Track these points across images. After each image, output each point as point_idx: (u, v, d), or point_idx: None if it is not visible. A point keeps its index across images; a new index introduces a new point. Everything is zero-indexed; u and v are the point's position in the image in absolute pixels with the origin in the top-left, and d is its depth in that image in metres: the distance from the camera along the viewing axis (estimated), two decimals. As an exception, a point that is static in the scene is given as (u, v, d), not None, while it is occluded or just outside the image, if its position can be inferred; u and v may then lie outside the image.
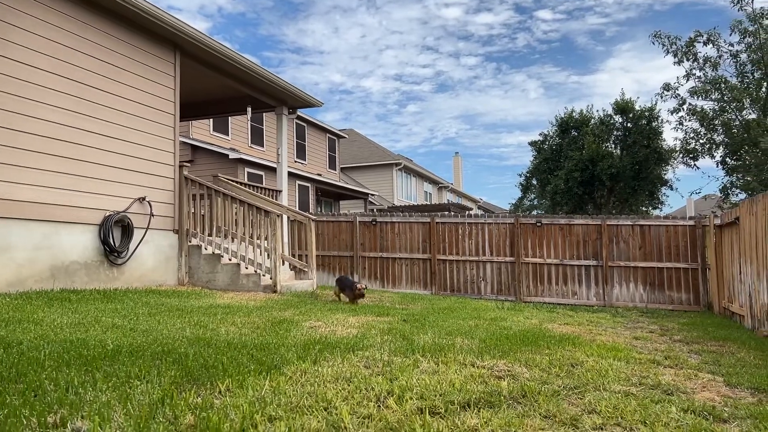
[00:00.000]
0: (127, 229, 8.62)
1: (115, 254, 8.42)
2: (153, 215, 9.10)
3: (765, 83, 19.59)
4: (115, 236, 8.41)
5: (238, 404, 2.77)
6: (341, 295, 9.07)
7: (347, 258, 14.96)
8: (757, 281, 8.49)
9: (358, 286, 8.80)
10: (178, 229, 9.71)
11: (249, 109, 12.24)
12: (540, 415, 3.10)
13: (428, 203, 34.85)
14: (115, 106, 8.59)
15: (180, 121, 10.22)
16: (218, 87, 11.93)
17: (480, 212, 39.64)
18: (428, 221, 14.49)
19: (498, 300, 12.92)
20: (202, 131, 18.87)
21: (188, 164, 10.25)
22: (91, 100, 8.21)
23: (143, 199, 8.98)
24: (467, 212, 25.32)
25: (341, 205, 27.37)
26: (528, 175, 26.89)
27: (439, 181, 40.23)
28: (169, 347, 4.04)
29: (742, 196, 19.56)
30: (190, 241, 9.81)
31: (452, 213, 17.59)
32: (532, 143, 26.27)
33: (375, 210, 25.33)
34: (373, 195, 28.00)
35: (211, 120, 19.03)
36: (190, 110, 12.75)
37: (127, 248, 8.63)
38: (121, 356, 3.68)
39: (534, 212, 29.18)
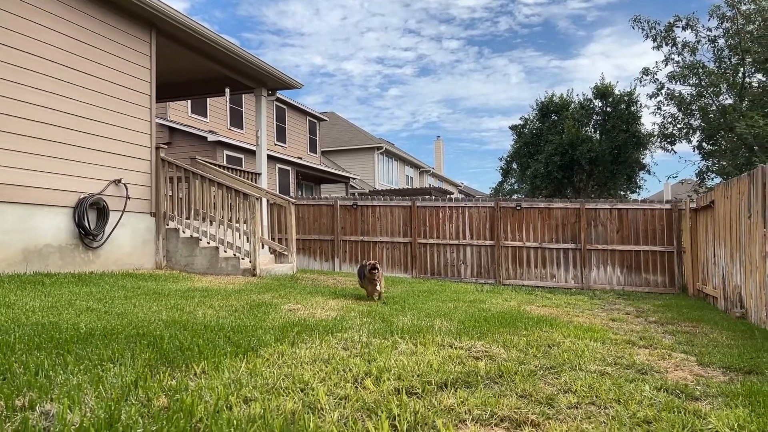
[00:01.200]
0: (102, 212, 8.47)
1: (91, 237, 8.28)
2: (129, 198, 8.95)
3: (741, 69, 19.83)
4: (90, 219, 8.26)
5: (213, 386, 2.74)
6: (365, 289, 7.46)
7: (328, 242, 14.92)
8: (730, 263, 8.65)
9: (370, 264, 7.19)
10: (156, 212, 9.57)
11: (227, 90, 12.05)
12: (516, 394, 3.12)
13: (410, 187, 34.86)
14: (89, 86, 8.39)
15: (157, 102, 10.03)
16: (196, 67, 11.72)
17: (461, 196, 39.78)
18: (409, 205, 14.49)
19: (478, 283, 13.01)
20: (180, 113, 18.56)
21: (165, 146, 10.07)
22: (64, 79, 8.00)
23: (119, 181, 8.81)
24: (448, 196, 25.39)
25: (322, 189, 27.25)
26: (508, 159, 27.03)
27: (420, 165, 40.22)
28: (144, 330, 3.98)
29: (718, 180, 19.89)
30: (167, 224, 9.68)
31: (433, 197, 17.61)
32: (513, 127, 26.36)
33: (356, 194, 25.26)
34: (354, 179, 27.91)
35: (189, 101, 18.73)
36: (167, 91, 12.52)
37: (103, 231, 8.48)
38: (95, 339, 3.62)
39: (514, 196, 29.35)
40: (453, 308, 6.82)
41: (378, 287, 7.20)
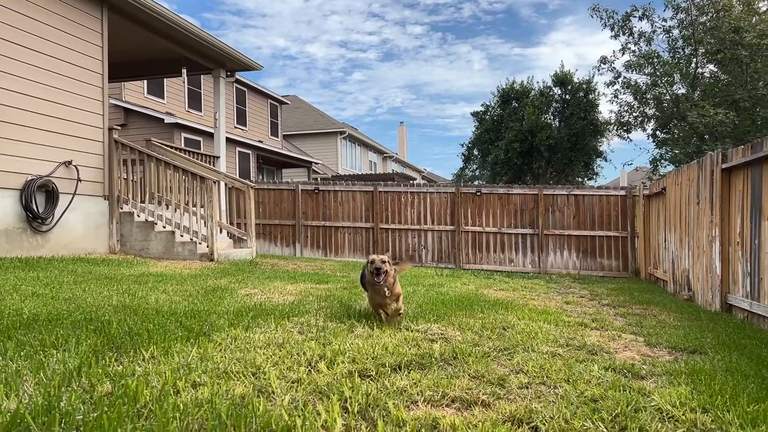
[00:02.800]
0: (51, 195, 8.17)
1: (39, 221, 7.98)
2: (80, 180, 8.66)
3: (694, 59, 20.40)
4: (38, 202, 7.96)
5: (161, 371, 2.67)
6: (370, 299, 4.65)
7: (289, 227, 14.79)
8: (679, 248, 8.94)
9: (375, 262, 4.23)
10: (109, 195, 9.29)
11: (184, 71, 11.73)
12: (469, 375, 3.16)
13: (373, 173, 34.80)
14: (35, 63, 8.03)
15: (110, 82, 9.69)
16: (151, 47, 11.35)
17: (424, 182, 39.92)
18: (371, 190, 14.46)
19: (438, 267, 13.13)
20: (136, 94, 18.01)
21: (120, 128, 9.76)
22: (8, 55, 7.63)
23: (69, 163, 8.51)
24: (411, 182, 25.44)
25: (284, 174, 26.95)
26: (470, 145, 27.23)
27: (384, 150, 40.17)
28: (92, 315, 3.86)
29: (671, 168, 20.49)
30: (121, 208, 9.41)
31: (396, 183, 17.63)
32: (474, 114, 26.57)
33: (319, 179, 25.08)
34: (317, 164, 27.69)
35: (145, 82, 18.18)
36: (121, 71, 12.11)
37: (52, 214, 8.19)
38: (38, 325, 3.50)
39: (476, 182, 29.63)
40: (411, 292, 6.85)
41: (389, 300, 4.34)
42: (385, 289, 4.24)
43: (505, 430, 2.29)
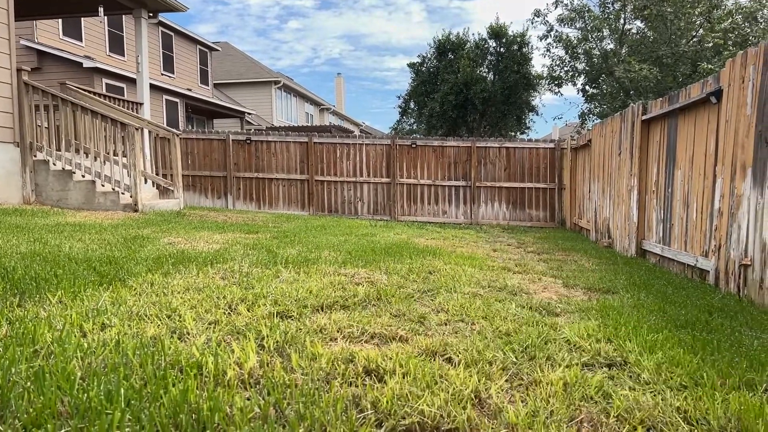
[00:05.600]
0: (-47, 140, 7.54)
1: (-60, 168, 7.38)
2: (-14, 125, 8.02)
3: (623, 15, 20.89)
4: (-62, 148, 7.33)
5: (67, 315, 2.56)
6: None
7: (220, 178, 14.38)
8: (602, 198, 9.33)
9: None
10: (20, 141, 8.68)
11: (101, 9, 10.91)
12: (390, 314, 3.20)
13: (309, 125, 34.17)
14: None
15: (18, 19, 8.91)
16: (63, -19, 10.47)
17: (361, 135, 39.56)
18: (306, 141, 14.21)
19: (374, 219, 13.19)
20: (50, 35, 16.70)
21: (31, 71, 9.04)
22: None
23: (-28, 106, 7.85)
24: (349, 134, 25.16)
25: (215, 124, 26.03)
26: (407, 98, 27.08)
27: (321, 102, 39.41)
28: (-4, 263, 3.63)
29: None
30: (35, 156, 8.83)
31: (332, 135, 17.38)
32: (411, 65, 26.31)
33: (253, 129, 24.38)
34: (250, 114, 26.86)
35: (61, 22, 16.86)
36: (29, 7, 11.14)
37: (-45, 162, 7.59)
38: (-67, 273, 3.26)
39: (412, 135, 29.68)
40: (343, 241, 6.85)
41: None
42: None
43: (418, 361, 2.33)
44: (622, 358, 2.63)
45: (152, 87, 16.22)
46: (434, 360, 2.43)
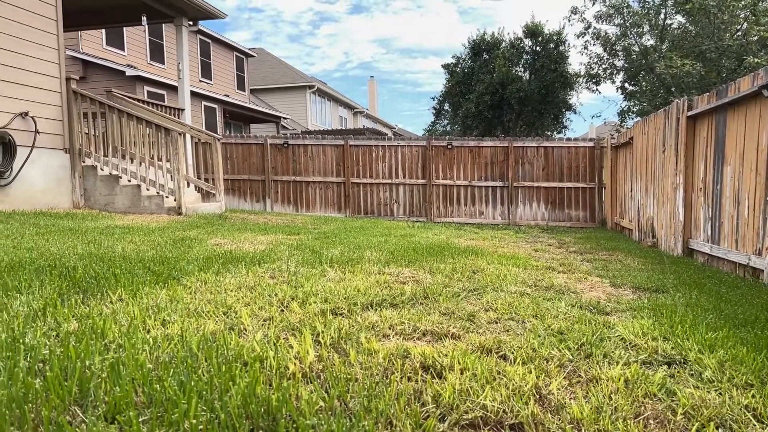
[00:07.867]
0: (8, 148, 7.86)
1: (-3, 174, 7.70)
2: (39, 132, 8.33)
3: (663, 10, 20.41)
4: (-6, 155, 7.66)
5: (130, 311, 2.64)
6: None
7: (258, 182, 14.60)
8: (645, 196, 9.13)
9: None
10: (70, 148, 8.99)
11: (144, 19, 11.24)
12: (439, 312, 3.20)
13: (343, 128, 34.37)
14: (-17, 7, 7.59)
15: (65, 30, 9.23)
16: (108, -8, 10.81)
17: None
18: (342, 144, 14.32)
19: (409, 221, 13.19)
20: (94, 45, 17.25)
21: (78, 80, 9.35)
22: (-48, -2, 7.19)
23: (26, 114, 8.16)
24: (382, 137, 25.24)
25: (252, 129, 26.43)
26: (441, 99, 27.02)
27: (354, 106, 39.63)
28: (56, 262, 3.77)
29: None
30: (84, 162, 9.13)
31: (367, 137, 17.46)
32: (446, 66, 26.24)
33: (288, 134, 24.69)
34: (285, 119, 27.20)
35: (104, 33, 17.41)
36: (76, 18, 11.53)
37: (11, 168, 7.90)
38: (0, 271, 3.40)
39: (447, 137, 29.59)
40: (383, 242, 6.88)
41: None
42: None
43: (474, 357, 2.33)
44: (681, 357, 2.57)
45: (192, 93, 16.58)
46: (489, 356, 2.43)
